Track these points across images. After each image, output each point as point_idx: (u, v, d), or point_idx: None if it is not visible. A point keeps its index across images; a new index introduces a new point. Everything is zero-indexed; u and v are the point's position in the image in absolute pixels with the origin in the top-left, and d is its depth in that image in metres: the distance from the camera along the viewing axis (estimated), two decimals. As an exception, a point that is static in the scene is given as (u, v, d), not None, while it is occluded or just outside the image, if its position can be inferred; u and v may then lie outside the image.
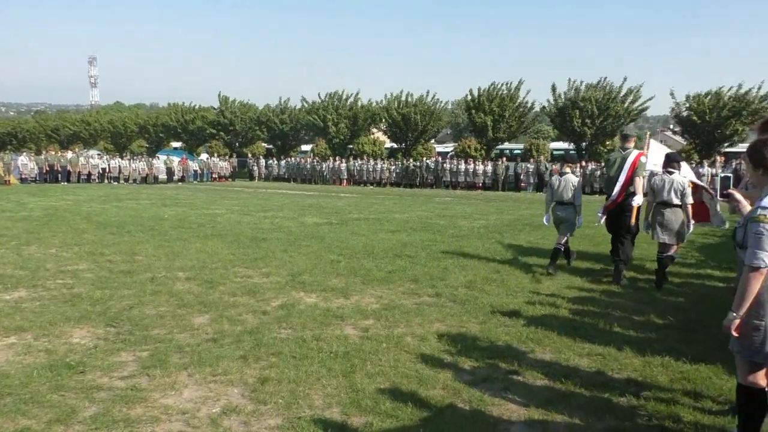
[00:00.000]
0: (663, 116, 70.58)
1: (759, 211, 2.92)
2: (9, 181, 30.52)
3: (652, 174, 7.87)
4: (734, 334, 2.99)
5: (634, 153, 7.85)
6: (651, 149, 8.41)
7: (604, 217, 8.04)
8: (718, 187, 7.31)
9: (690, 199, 7.39)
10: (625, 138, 8.21)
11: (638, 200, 7.74)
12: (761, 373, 3.04)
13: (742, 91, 30.42)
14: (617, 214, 7.89)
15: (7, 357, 4.60)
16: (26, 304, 6.15)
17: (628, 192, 7.74)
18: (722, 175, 25.61)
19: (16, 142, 54.73)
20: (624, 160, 7.84)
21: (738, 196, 3.44)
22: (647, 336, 5.28)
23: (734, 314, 2.97)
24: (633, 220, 7.79)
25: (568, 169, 8.50)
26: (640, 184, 7.72)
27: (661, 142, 8.47)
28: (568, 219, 8.23)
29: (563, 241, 8.25)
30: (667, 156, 7.90)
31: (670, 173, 7.46)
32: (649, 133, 8.99)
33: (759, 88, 30.14)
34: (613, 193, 7.83)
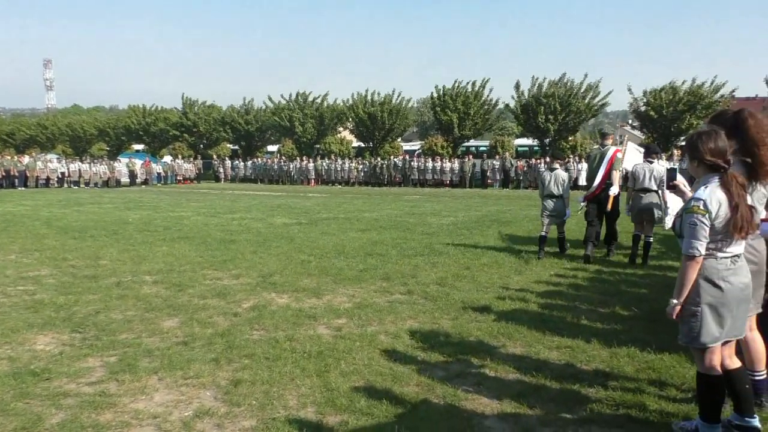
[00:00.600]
0: (622, 111, 72.17)
1: (693, 203, 3.05)
2: (-37, 186, 29.50)
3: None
4: (674, 318, 3.17)
5: (612, 149, 8.77)
6: (628, 152, 9.39)
7: (585, 203, 8.97)
8: (662, 176, 8.19)
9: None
10: (603, 135, 9.27)
11: (614, 190, 8.68)
12: (717, 360, 3.15)
13: (696, 85, 31.33)
14: (598, 203, 8.80)
15: (-33, 367, 4.46)
16: (-14, 312, 5.96)
17: (606, 184, 8.66)
18: (668, 166, 26.34)
19: (-32, 148, 52.91)
20: (603, 155, 8.76)
21: (683, 187, 3.57)
22: (613, 328, 5.40)
23: (675, 301, 3.14)
24: (609, 207, 8.72)
25: (557, 165, 9.53)
26: (616, 177, 8.72)
27: (621, 136, 9.44)
28: (557, 210, 9.10)
29: (546, 230, 9.10)
30: (647, 147, 8.96)
31: (650, 162, 8.37)
32: (627, 136, 9.99)
33: (712, 82, 31.12)
34: (594, 185, 8.76)
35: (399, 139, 42.54)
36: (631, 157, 9.41)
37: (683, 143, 32.30)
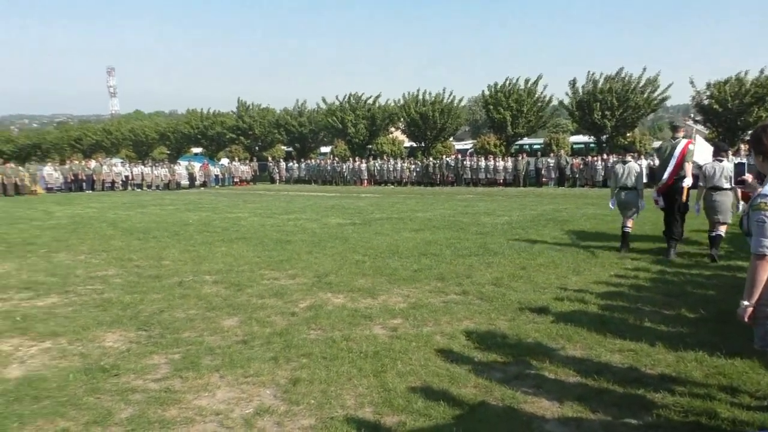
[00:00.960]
0: (683, 105, 69.29)
1: (759, 200, 2.90)
2: (36, 191, 31.21)
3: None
4: (746, 321, 2.99)
5: (683, 142, 8.77)
6: (698, 144, 9.60)
7: (659, 197, 8.91)
8: (732, 174, 8.13)
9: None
10: (675, 128, 9.29)
11: (688, 182, 8.68)
12: None
13: (764, 76, 29.58)
14: (669, 196, 8.79)
15: (43, 361, 4.71)
16: (59, 309, 6.28)
17: (678, 176, 8.64)
18: (736, 161, 25.11)
19: (40, 153, 55.72)
20: (674, 148, 8.79)
21: (752, 182, 3.39)
22: (679, 330, 5.19)
23: (746, 303, 2.98)
24: (684, 198, 8.70)
25: (630, 158, 9.77)
26: (689, 168, 8.72)
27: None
28: (631, 202, 9.24)
29: (629, 223, 9.23)
30: (716, 145, 9.03)
31: (720, 161, 8.45)
32: (695, 128, 9.89)
33: None
34: (664, 177, 8.76)
35: (451, 139, 42.28)
36: (702, 149, 9.30)
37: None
